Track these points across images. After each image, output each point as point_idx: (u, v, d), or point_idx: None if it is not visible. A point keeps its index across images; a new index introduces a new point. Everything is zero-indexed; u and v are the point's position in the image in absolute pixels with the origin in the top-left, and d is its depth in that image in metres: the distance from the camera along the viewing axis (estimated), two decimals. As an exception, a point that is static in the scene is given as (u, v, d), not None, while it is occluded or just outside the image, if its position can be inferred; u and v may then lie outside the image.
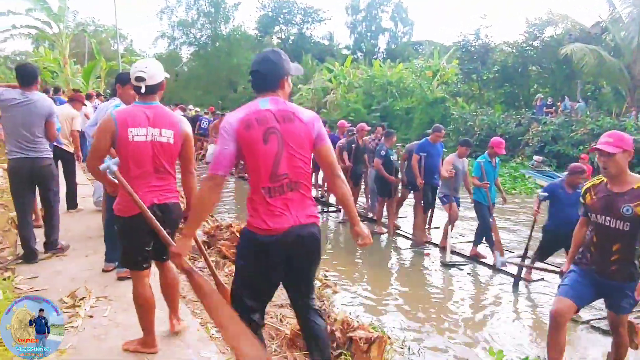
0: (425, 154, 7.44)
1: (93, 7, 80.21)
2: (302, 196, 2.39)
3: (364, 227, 2.53)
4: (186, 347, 3.18)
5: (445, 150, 8.47)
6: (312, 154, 2.47)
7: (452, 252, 7.15)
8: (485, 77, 19.80)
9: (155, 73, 2.97)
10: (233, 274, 4.60)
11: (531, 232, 6.09)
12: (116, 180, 2.76)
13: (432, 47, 34.12)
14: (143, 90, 2.91)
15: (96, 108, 7.45)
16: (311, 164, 2.45)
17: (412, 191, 8.14)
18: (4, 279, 4.15)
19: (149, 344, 3.03)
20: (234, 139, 2.29)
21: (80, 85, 18.52)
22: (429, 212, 7.89)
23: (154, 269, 3.09)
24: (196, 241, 2.95)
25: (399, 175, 8.18)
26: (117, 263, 4.36)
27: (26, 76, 4.44)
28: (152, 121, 2.87)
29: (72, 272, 4.43)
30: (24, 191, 4.57)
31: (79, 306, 3.69)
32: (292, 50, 46.57)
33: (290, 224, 2.32)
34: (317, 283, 5.35)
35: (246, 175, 9.67)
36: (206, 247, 5.33)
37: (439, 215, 8.47)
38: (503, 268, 6.45)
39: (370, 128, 10.53)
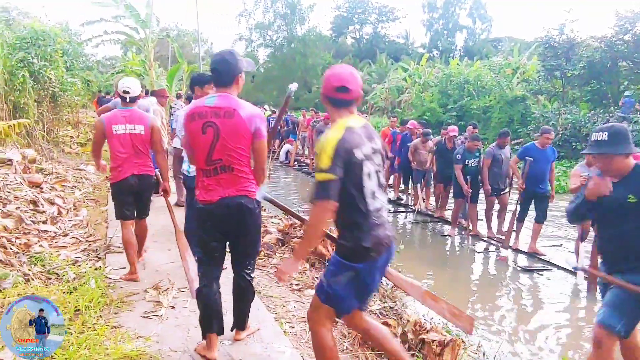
0: (532, 158, 6.78)
1: (176, 13, 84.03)
2: (234, 176, 2.85)
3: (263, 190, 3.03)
4: (260, 342, 3.27)
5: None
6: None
7: (534, 255, 6.87)
8: (569, 74, 18.73)
9: (136, 89, 4.29)
10: (305, 271, 4.70)
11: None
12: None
13: (512, 44, 32.84)
14: (128, 100, 4.25)
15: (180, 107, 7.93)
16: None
17: (497, 197, 7.73)
18: (96, 269, 4.47)
19: (132, 272, 4.31)
20: (184, 128, 2.91)
21: (165, 87, 19.48)
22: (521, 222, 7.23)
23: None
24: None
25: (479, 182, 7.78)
26: (196, 257, 4.57)
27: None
28: (129, 119, 4.21)
29: (156, 265, 4.68)
30: None
31: (163, 296, 3.90)
32: (366, 50, 46.53)
33: (220, 196, 2.84)
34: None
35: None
36: (280, 245, 5.46)
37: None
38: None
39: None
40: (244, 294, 3.13)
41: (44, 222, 5.75)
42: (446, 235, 8.15)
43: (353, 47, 49.80)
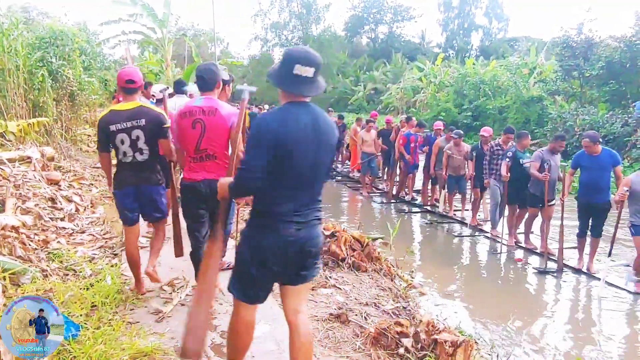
0: (576, 167, 6.41)
1: (193, 13, 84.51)
2: (217, 163, 3.50)
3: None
4: (272, 339, 3.29)
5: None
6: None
7: (549, 257, 6.65)
8: (587, 74, 18.50)
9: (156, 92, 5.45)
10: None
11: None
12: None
13: (529, 44, 32.51)
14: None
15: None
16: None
17: (542, 207, 6.94)
18: (112, 266, 4.53)
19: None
20: (175, 123, 3.57)
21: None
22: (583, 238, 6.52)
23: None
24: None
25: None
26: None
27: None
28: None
29: (172, 262, 4.71)
30: None
31: (176, 294, 3.94)
32: (381, 49, 46.35)
33: (203, 177, 3.49)
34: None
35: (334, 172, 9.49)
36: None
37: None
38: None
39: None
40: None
41: (62, 219, 5.84)
42: (465, 236, 8.11)
43: (368, 47, 49.67)
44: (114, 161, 3.89)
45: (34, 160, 7.25)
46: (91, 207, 6.80)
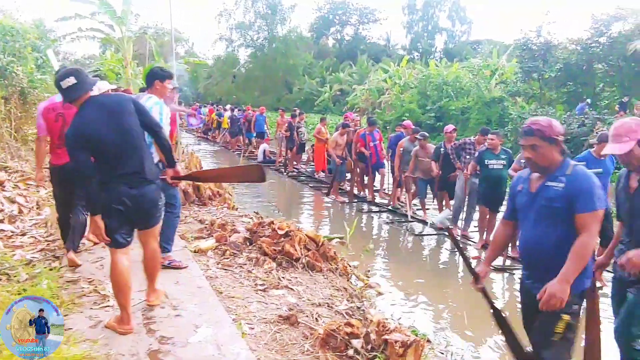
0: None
1: (157, 12, 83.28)
2: None
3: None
4: (213, 343, 3.13)
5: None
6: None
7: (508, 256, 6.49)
8: (546, 76, 18.95)
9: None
10: (271, 271, 4.58)
11: None
12: None
13: (492, 46, 33.09)
14: None
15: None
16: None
17: None
18: (51, 269, 4.28)
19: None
20: (41, 117, 4.35)
21: (140, 85, 19.10)
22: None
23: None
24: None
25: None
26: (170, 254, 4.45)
27: None
28: None
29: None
30: None
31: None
32: (347, 51, 46.50)
33: (66, 161, 3.97)
34: (359, 283, 5.23)
35: (297, 171, 9.51)
36: (248, 244, 5.32)
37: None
38: None
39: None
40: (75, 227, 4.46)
41: (1, 221, 5.53)
42: (425, 235, 8.08)
43: (334, 48, 49.76)
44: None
45: (-25, 160, 6.87)
46: (37, 208, 6.47)
